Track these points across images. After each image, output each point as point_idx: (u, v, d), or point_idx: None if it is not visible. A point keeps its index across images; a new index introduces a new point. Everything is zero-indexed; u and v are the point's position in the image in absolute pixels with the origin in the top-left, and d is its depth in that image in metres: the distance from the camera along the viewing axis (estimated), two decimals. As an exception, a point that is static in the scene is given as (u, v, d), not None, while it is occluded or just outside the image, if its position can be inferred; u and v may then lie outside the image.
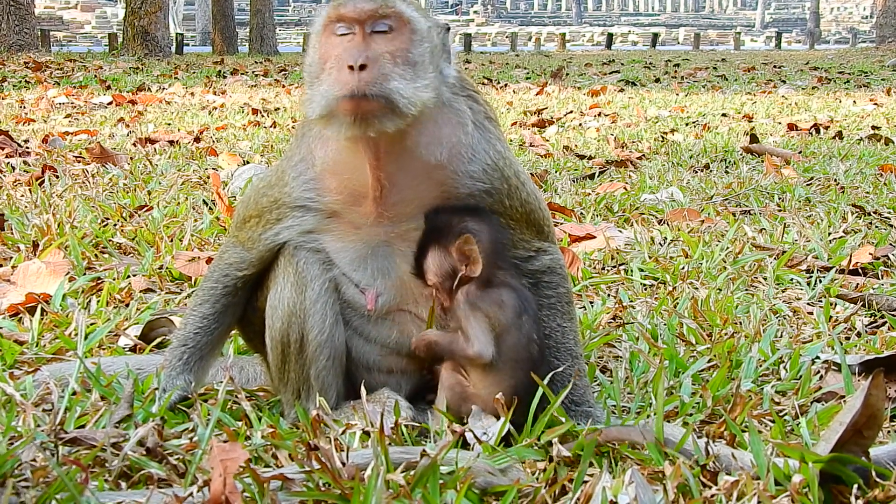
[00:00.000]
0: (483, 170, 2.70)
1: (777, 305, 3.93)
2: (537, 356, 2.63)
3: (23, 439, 2.35)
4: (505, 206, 2.74)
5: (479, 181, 2.69)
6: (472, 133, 2.71)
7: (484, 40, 71.07)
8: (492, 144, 2.74)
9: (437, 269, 2.64)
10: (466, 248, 2.61)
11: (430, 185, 2.67)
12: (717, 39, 75.68)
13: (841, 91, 17.70)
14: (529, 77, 21.74)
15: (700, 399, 2.85)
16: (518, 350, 2.59)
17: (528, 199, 2.80)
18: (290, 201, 2.74)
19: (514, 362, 2.58)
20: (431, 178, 2.67)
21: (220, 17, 34.34)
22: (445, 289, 2.66)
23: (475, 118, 2.75)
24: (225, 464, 2.13)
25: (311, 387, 2.75)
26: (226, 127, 10.36)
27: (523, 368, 2.58)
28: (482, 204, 2.70)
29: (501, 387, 2.57)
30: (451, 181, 2.67)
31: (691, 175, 7.34)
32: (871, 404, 2.21)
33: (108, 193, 6.09)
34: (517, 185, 2.77)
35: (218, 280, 2.87)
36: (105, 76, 18.90)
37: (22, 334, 3.49)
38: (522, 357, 2.60)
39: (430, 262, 2.64)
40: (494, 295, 2.63)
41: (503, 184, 2.73)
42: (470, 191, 2.69)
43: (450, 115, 2.70)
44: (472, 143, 2.70)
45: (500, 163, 2.74)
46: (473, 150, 2.69)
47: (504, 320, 2.59)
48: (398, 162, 2.63)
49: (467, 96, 2.79)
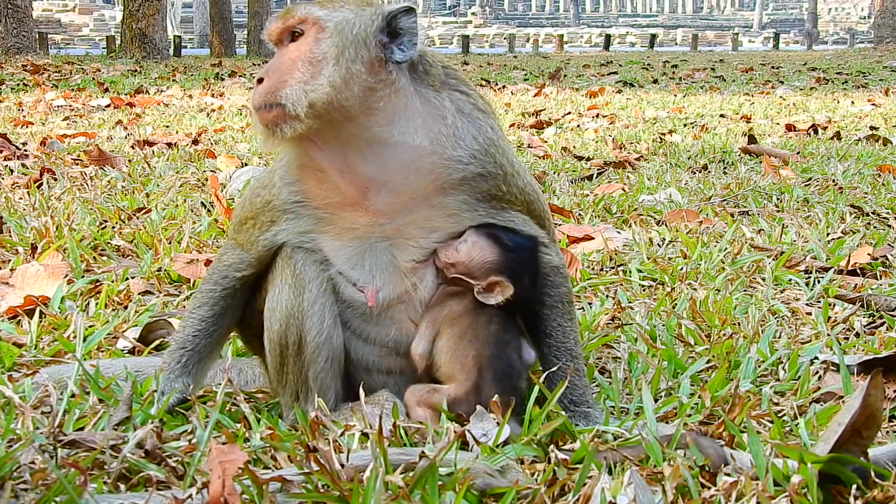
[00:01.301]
0: (472, 154, 2.68)
1: (776, 306, 3.93)
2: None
3: (21, 442, 2.34)
4: (502, 190, 2.73)
5: (469, 164, 2.67)
6: (455, 121, 2.69)
7: (482, 42, 71.20)
8: (481, 131, 2.72)
9: (457, 262, 2.68)
10: (497, 290, 2.68)
11: (418, 175, 2.66)
12: (714, 40, 75.78)
13: (839, 91, 17.71)
14: (527, 78, 21.75)
15: (699, 400, 2.85)
16: (476, 326, 2.67)
17: (525, 189, 2.79)
18: (279, 204, 2.75)
19: (476, 338, 2.65)
20: (418, 168, 2.65)
21: (218, 20, 34.37)
22: (441, 267, 2.71)
23: (460, 107, 2.73)
24: (224, 466, 2.13)
25: (309, 388, 2.74)
26: (224, 129, 10.36)
27: (485, 344, 2.65)
28: (479, 188, 2.70)
29: (467, 358, 2.63)
30: (439, 168, 2.66)
31: (689, 176, 7.34)
32: (869, 404, 2.22)
33: (106, 196, 6.09)
34: (512, 173, 2.76)
35: (216, 282, 2.86)
36: (103, 79, 18.90)
37: (20, 337, 3.49)
38: (484, 334, 2.66)
39: (463, 253, 2.68)
40: (482, 325, 2.69)
41: (497, 169, 2.72)
42: (463, 174, 2.67)
43: (421, 102, 2.68)
44: (455, 131, 2.68)
45: (492, 149, 2.72)
46: (458, 137, 2.68)
47: (487, 353, 2.63)
48: (375, 160, 2.64)
49: (451, 87, 2.76)
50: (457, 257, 2.68)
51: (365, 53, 2.60)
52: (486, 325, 2.67)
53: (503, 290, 2.67)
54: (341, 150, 2.64)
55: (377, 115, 2.61)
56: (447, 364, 2.65)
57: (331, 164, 2.66)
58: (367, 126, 2.61)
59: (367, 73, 2.59)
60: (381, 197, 2.66)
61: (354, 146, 2.63)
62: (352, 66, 2.58)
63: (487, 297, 2.68)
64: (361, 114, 2.59)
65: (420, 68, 2.71)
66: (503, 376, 2.62)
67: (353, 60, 2.59)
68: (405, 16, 2.63)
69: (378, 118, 2.61)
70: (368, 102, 2.59)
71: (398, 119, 2.63)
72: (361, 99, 2.58)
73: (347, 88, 2.57)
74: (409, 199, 2.68)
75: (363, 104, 2.59)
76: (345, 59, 2.58)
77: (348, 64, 2.58)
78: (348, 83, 2.58)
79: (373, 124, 2.61)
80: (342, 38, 2.60)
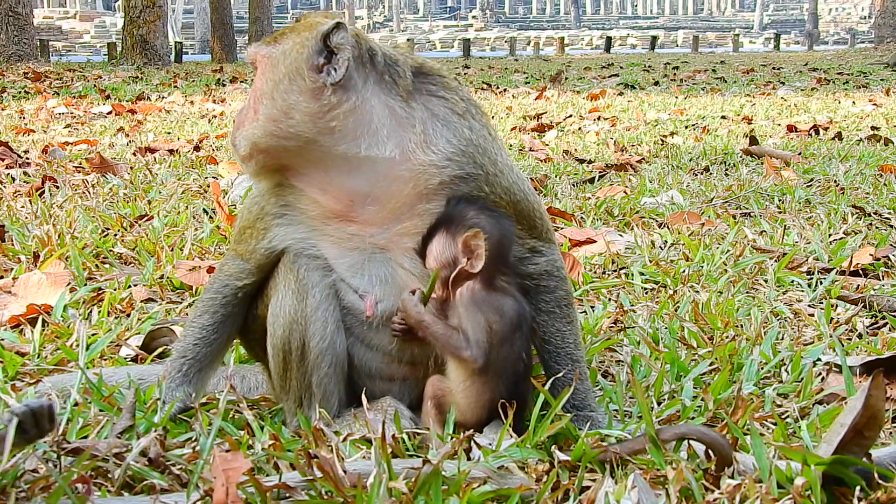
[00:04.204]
0: (447, 157, 2.66)
1: (778, 308, 3.93)
2: (522, 373, 2.60)
3: (25, 450, 2.35)
4: (485, 192, 2.70)
5: (445, 168, 2.66)
6: (426, 127, 2.67)
7: (483, 45, 71.24)
8: (456, 133, 2.70)
9: (438, 255, 2.60)
10: (473, 243, 2.57)
11: (398, 184, 2.65)
12: (715, 41, 75.87)
13: (840, 92, 17.71)
14: (528, 81, 21.76)
15: (702, 402, 2.85)
16: (505, 364, 2.56)
17: (511, 189, 2.75)
18: (270, 210, 2.76)
19: (498, 377, 2.55)
20: (396, 178, 2.64)
21: (219, 26, 34.44)
22: (442, 278, 2.63)
23: (434, 112, 2.70)
24: (227, 473, 2.14)
25: (312, 394, 2.74)
26: (226, 135, 10.35)
27: (505, 384, 2.56)
28: (460, 190, 2.67)
29: (482, 399, 2.56)
30: (416, 175, 2.64)
31: (691, 178, 7.34)
32: (871, 405, 2.22)
33: (108, 203, 6.09)
34: (495, 173, 2.72)
35: (217, 291, 2.86)
36: (104, 86, 18.91)
37: (23, 346, 3.50)
38: (508, 372, 2.56)
39: (434, 246, 2.61)
40: (497, 301, 2.60)
41: (477, 169, 2.69)
42: (440, 179, 2.66)
43: (388, 113, 2.66)
44: (425, 136, 2.66)
45: (469, 149, 2.69)
46: (429, 142, 2.66)
47: (500, 331, 2.56)
48: (355, 173, 2.64)
49: (428, 92, 2.74)
50: (432, 263, 2.62)
51: (300, 82, 2.60)
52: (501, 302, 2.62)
53: (473, 237, 2.57)
54: (318, 170, 2.66)
55: (338, 133, 2.61)
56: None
57: (310, 185, 2.69)
58: (332, 145, 2.62)
59: (309, 99, 2.59)
60: (368, 208, 2.67)
61: (330, 164, 2.64)
62: (288, 97, 2.60)
63: (474, 262, 2.59)
64: (319, 135, 2.61)
65: (387, 79, 2.69)
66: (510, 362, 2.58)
67: (287, 91, 2.61)
68: (335, 33, 2.61)
69: (340, 136, 2.61)
70: (322, 124, 2.60)
71: (363, 133, 2.62)
72: (311, 123, 2.60)
73: (289, 118, 2.60)
74: (394, 208, 2.67)
75: (316, 127, 2.60)
76: (279, 93, 2.61)
77: (283, 96, 2.61)
78: (288, 113, 2.60)
79: (337, 142, 2.62)
80: (275, 73, 2.64)
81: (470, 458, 2.43)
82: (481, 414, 2.56)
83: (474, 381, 2.55)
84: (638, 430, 2.60)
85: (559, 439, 2.55)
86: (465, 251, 2.59)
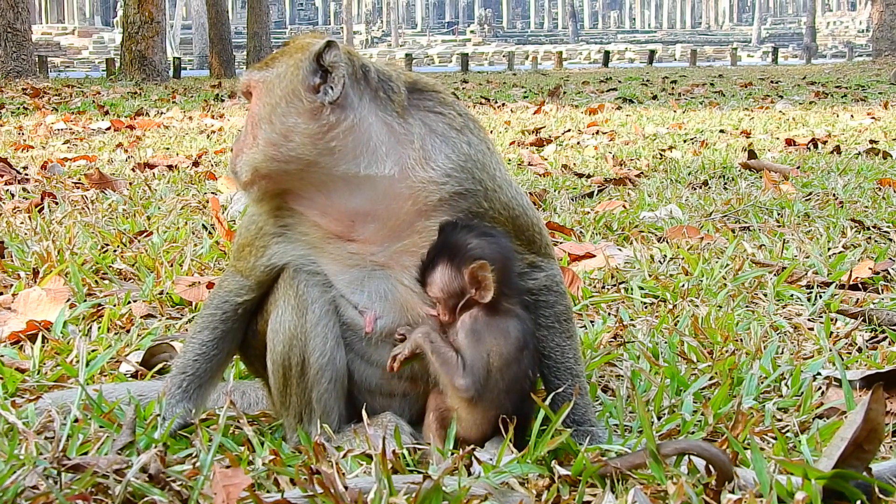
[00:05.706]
0: (445, 173, 2.66)
1: (777, 322, 3.93)
2: (527, 390, 2.61)
3: (25, 467, 2.34)
4: (484, 207, 2.70)
5: (444, 184, 2.66)
6: (424, 143, 2.67)
7: (481, 60, 71.45)
8: (455, 148, 2.70)
9: (444, 286, 2.59)
10: (481, 275, 2.57)
11: (397, 202, 2.65)
12: (713, 55, 76.09)
13: (838, 105, 17.74)
14: (527, 96, 21.81)
15: (702, 417, 2.85)
16: (511, 384, 2.57)
17: (510, 204, 2.75)
18: (268, 230, 2.77)
19: (505, 394, 2.56)
20: (395, 195, 2.65)
21: (217, 41, 34.50)
22: (449, 306, 2.62)
23: (432, 128, 2.70)
24: (228, 489, 2.14)
25: (313, 410, 2.74)
26: (224, 151, 10.36)
27: (511, 401, 2.57)
28: (459, 206, 2.67)
29: (487, 415, 2.56)
30: (415, 192, 2.65)
31: (690, 192, 7.35)
32: (871, 419, 2.22)
33: (107, 219, 6.10)
34: (493, 188, 2.72)
35: (217, 307, 2.86)
36: (103, 101, 18.95)
37: (23, 362, 3.49)
38: (514, 390, 2.57)
39: (437, 276, 2.60)
40: (501, 325, 2.60)
41: (476, 185, 2.69)
42: (439, 195, 2.66)
43: (386, 130, 2.66)
44: (423, 153, 2.66)
45: (468, 164, 2.69)
46: (428, 159, 2.66)
47: (506, 353, 2.56)
48: (356, 193, 2.64)
49: (425, 108, 2.74)
50: (437, 292, 2.62)
51: (298, 104, 2.61)
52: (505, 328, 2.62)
53: (480, 269, 2.56)
54: (319, 191, 2.66)
55: (338, 153, 2.61)
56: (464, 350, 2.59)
57: (311, 208, 2.69)
58: (332, 165, 2.62)
59: (308, 120, 2.60)
60: (368, 227, 2.67)
61: (331, 185, 2.64)
62: (286, 120, 2.61)
63: (483, 294, 2.60)
64: (319, 156, 2.61)
65: (382, 95, 2.69)
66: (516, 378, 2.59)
67: (286, 114, 2.61)
68: (327, 52, 2.62)
69: (340, 156, 2.62)
70: (322, 145, 2.60)
71: (362, 152, 2.63)
72: (311, 145, 2.60)
73: (288, 141, 2.61)
74: (394, 226, 2.67)
75: (315, 148, 2.60)
76: (277, 116, 2.62)
77: (282, 119, 2.61)
78: (288, 136, 2.61)
79: (338, 162, 2.62)
80: (271, 97, 2.64)
81: (471, 474, 2.43)
82: (486, 429, 2.57)
83: (473, 406, 2.56)
84: (638, 444, 2.60)
85: (559, 454, 2.55)
86: (473, 283, 2.59)
